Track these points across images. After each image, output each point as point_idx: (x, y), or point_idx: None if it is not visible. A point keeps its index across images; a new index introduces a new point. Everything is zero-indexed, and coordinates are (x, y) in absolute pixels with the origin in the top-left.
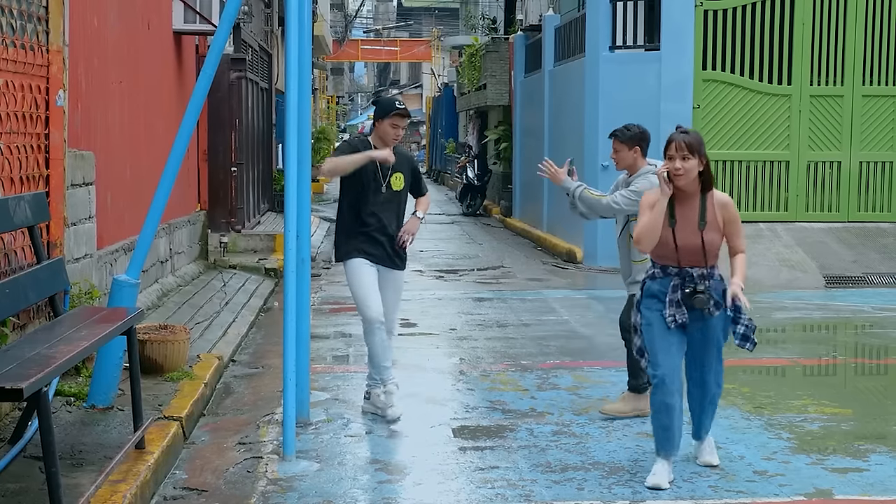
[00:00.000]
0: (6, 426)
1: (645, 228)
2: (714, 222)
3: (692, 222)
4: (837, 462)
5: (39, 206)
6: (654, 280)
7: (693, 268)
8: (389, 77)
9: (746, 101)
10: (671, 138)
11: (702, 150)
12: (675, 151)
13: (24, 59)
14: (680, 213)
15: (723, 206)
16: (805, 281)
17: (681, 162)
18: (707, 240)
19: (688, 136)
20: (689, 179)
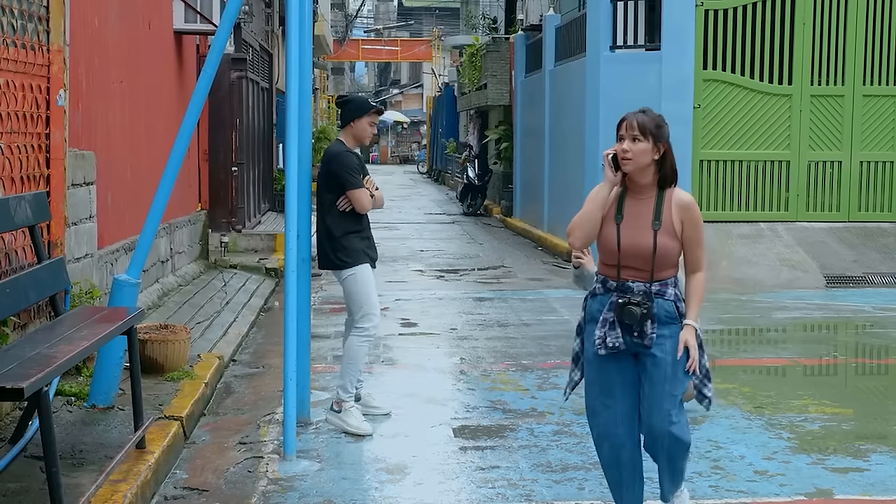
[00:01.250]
0: (7, 426)
1: (578, 217)
2: (669, 225)
3: (643, 220)
4: (838, 462)
5: (40, 205)
6: (595, 298)
7: (636, 282)
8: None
9: (747, 101)
10: (624, 117)
11: (659, 135)
12: (624, 131)
13: (24, 58)
14: (630, 208)
15: (684, 208)
16: (806, 281)
17: (629, 143)
18: (660, 243)
19: (643, 115)
20: (637, 165)
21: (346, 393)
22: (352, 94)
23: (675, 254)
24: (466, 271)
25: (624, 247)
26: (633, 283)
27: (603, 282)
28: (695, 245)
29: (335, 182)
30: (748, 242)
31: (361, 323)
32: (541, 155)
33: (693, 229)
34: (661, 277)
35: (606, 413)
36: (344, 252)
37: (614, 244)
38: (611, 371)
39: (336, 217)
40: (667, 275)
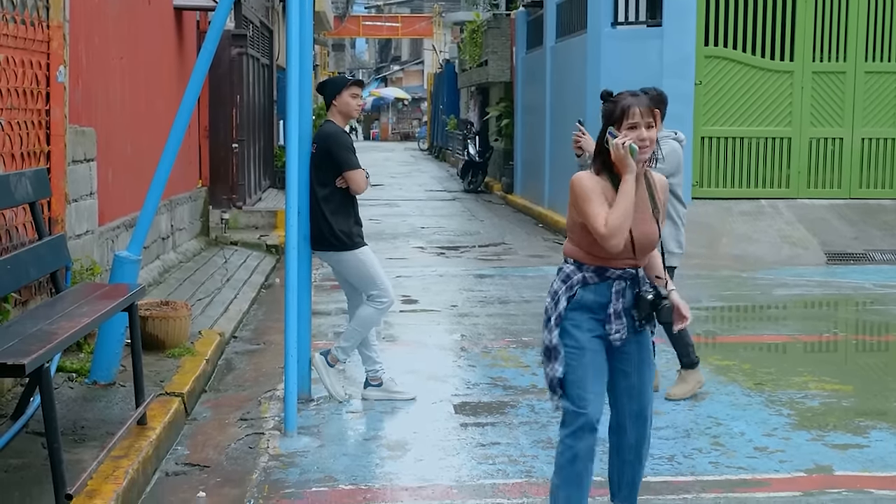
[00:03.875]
0: (8, 402)
1: (620, 219)
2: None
3: (644, 207)
4: (838, 438)
5: (40, 182)
6: (588, 287)
7: (635, 268)
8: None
9: (749, 78)
10: (629, 103)
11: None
12: (638, 118)
13: (24, 34)
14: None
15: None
16: (806, 258)
17: (647, 131)
18: (662, 230)
19: (652, 99)
20: (652, 150)
21: (344, 354)
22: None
23: None
24: (467, 248)
25: (637, 238)
26: (636, 270)
27: (598, 271)
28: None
29: (331, 161)
30: (749, 219)
31: (379, 297)
32: (542, 132)
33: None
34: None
35: (597, 402)
36: (345, 233)
37: (628, 238)
38: (599, 360)
39: (333, 197)
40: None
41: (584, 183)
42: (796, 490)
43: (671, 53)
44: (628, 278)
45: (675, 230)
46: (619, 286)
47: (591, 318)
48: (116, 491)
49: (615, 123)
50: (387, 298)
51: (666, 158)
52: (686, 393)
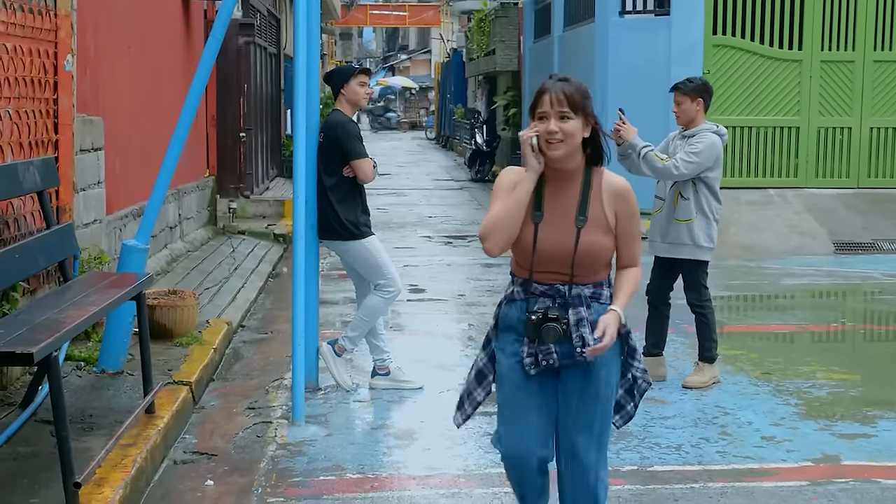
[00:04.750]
0: (17, 390)
1: (494, 218)
2: (600, 217)
3: (567, 216)
4: (845, 428)
5: (48, 171)
6: (513, 304)
7: (565, 284)
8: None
9: (757, 67)
10: (543, 88)
11: (588, 106)
12: (548, 107)
13: (32, 23)
14: (552, 201)
15: (618, 195)
16: (814, 247)
17: (557, 123)
18: (585, 243)
19: (567, 84)
20: (568, 150)
21: (351, 344)
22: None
23: (608, 253)
24: (474, 237)
25: (542, 251)
26: (565, 287)
27: (524, 285)
28: (630, 240)
29: (339, 151)
30: (757, 209)
31: (386, 287)
32: None
33: (628, 220)
34: (593, 279)
35: (524, 436)
36: (352, 223)
37: (530, 247)
38: (532, 390)
39: (340, 186)
40: (601, 276)
41: (500, 177)
42: (804, 479)
43: (679, 42)
44: (555, 296)
45: (707, 225)
46: (541, 304)
47: (518, 341)
48: (125, 479)
49: (531, 111)
50: (394, 288)
51: (703, 152)
52: (701, 384)
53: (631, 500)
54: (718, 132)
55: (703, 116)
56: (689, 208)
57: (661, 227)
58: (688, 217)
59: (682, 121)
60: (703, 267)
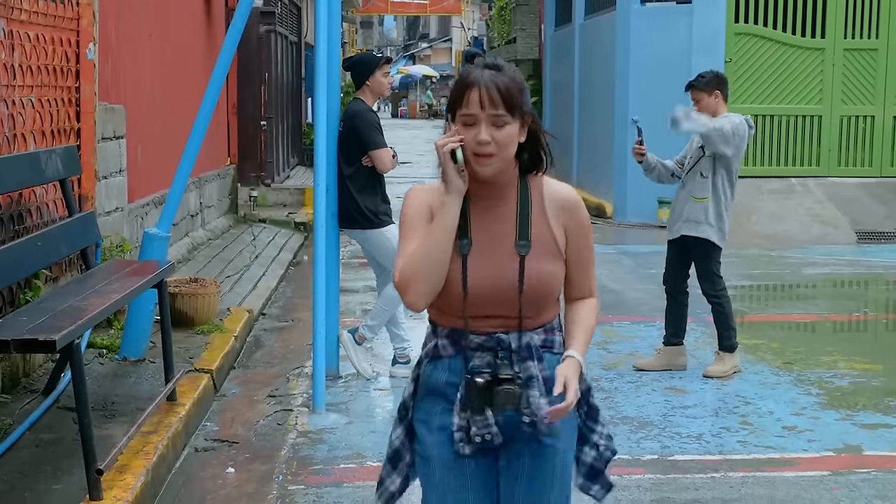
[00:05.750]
0: (40, 377)
1: (414, 264)
2: (547, 239)
3: (503, 241)
4: (867, 418)
5: (71, 159)
6: (438, 362)
7: (508, 332)
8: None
9: (779, 55)
10: (470, 80)
11: (526, 103)
12: (477, 108)
13: (54, 12)
14: (480, 223)
15: (566, 209)
16: (836, 236)
17: (489, 130)
18: (533, 274)
19: (501, 74)
20: (502, 162)
21: (371, 333)
22: (354, 55)
23: (559, 284)
24: None
25: (476, 291)
26: (508, 335)
27: (451, 336)
28: (584, 264)
29: (358, 140)
30: (779, 198)
31: None
32: (570, 110)
33: (581, 239)
34: (542, 322)
35: None
36: (371, 211)
37: (458, 286)
38: (466, 474)
39: (359, 175)
40: (550, 315)
41: (408, 201)
42: (825, 469)
43: (701, 30)
44: (496, 348)
45: (718, 205)
46: (479, 360)
47: (447, 411)
48: (146, 466)
49: (451, 109)
50: None
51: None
52: (722, 373)
53: (651, 490)
54: (746, 122)
55: (724, 107)
56: (706, 186)
57: (678, 208)
58: (704, 195)
59: None
60: (715, 255)
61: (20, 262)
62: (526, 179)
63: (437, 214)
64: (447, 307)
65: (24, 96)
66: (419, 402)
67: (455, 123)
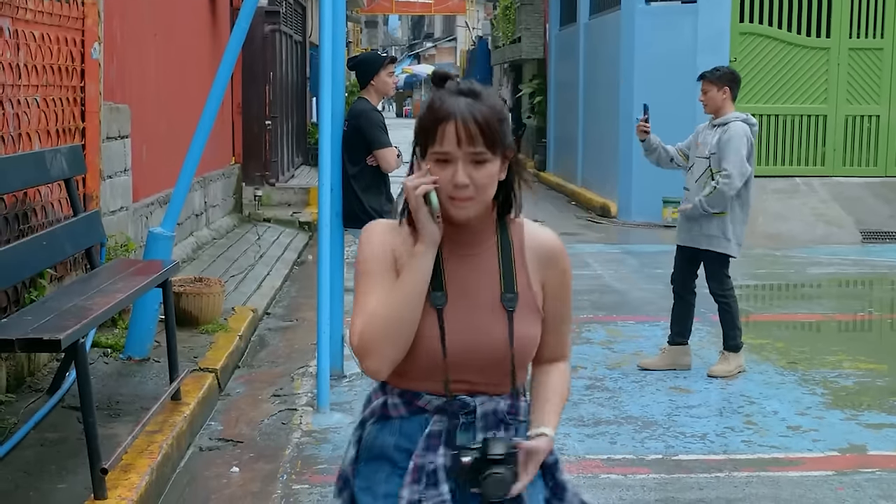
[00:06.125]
0: (44, 377)
1: (378, 325)
2: (527, 294)
3: (484, 294)
4: (872, 418)
5: (75, 158)
6: (387, 424)
7: (476, 395)
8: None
9: (784, 54)
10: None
11: (507, 135)
12: (454, 146)
13: (59, 11)
14: (456, 273)
15: (546, 257)
16: (841, 236)
17: (467, 170)
18: (521, 333)
19: (480, 104)
20: (481, 205)
21: None
22: (359, 55)
23: (537, 344)
24: None
25: (457, 351)
26: (475, 399)
27: (405, 397)
28: (562, 322)
29: (362, 139)
30: (783, 197)
31: None
32: (575, 109)
33: (562, 295)
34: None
35: None
36: (376, 210)
37: (437, 349)
38: None
39: (364, 175)
40: (521, 379)
41: (368, 238)
42: (830, 469)
43: (706, 30)
44: (457, 412)
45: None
46: (437, 425)
47: (396, 476)
48: (151, 465)
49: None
50: None
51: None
52: (726, 373)
53: (655, 490)
54: (747, 121)
55: (730, 105)
56: (722, 201)
57: (688, 217)
58: (722, 210)
59: (709, 109)
60: (727, 260)
61: (25, 262)
62: (505, 222)
63: (408, 268)
64: (413, 370)
65: (29, 96)
66: (360, 467)
67: (426, 161)
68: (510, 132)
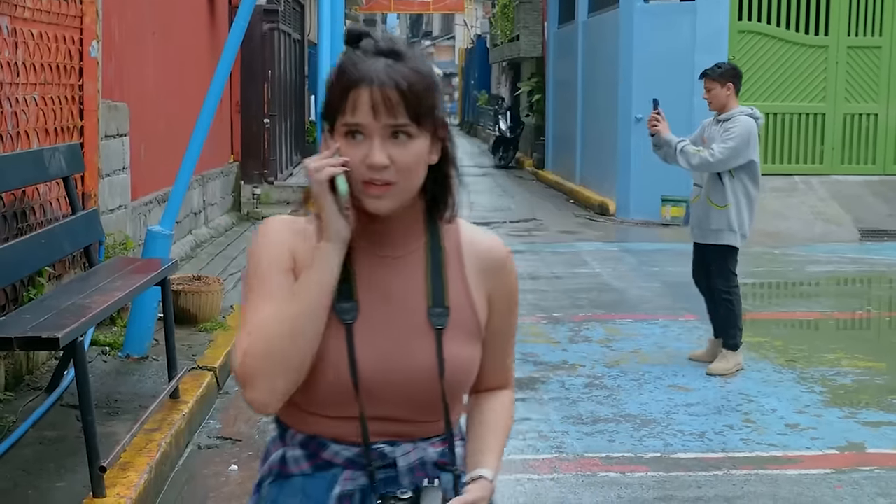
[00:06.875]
0: (43, 375)
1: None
2: (465, 310)
3: (408, 307)
4: (870, 416)
5: (74, 156)
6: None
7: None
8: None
9: (783, 53)
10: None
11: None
12: (367, 116)
13: (58, 9)
14: (370, 280)
15: (490, 269)
16: (839, 234)
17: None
18: (452, 357)
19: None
20: (404, 193)
21: None
22: None
23: (475, 372)
24: (498, 224)
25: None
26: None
27: (308, 446)
28: (507, 342)
29: None
30: (782, 195)
31: None
32: (573, 107)
33: (508, 312)
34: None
35: None
36: None
37: (345, 376)
38: None
39: None
40: (455, 415)
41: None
42: (828, 467)
43: (704, 28)
44: (378, 466)
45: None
46: (348, 484)
47: None
48: (149, 463)
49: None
50: None
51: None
52: (725, 371)
53: (654, 487)
54: (753, 115)
55: (735, 101)
56: (724, 194)
57: (698, 214)
58: (723, 203)
59: (714, 107)
60: (732, 253)
61: (23, 260)
62: (436, 221)
63: (309, 271)
64: (318, 407)
65: (27, 94)
66: None
67: (334, 136)
68: (442, 104)
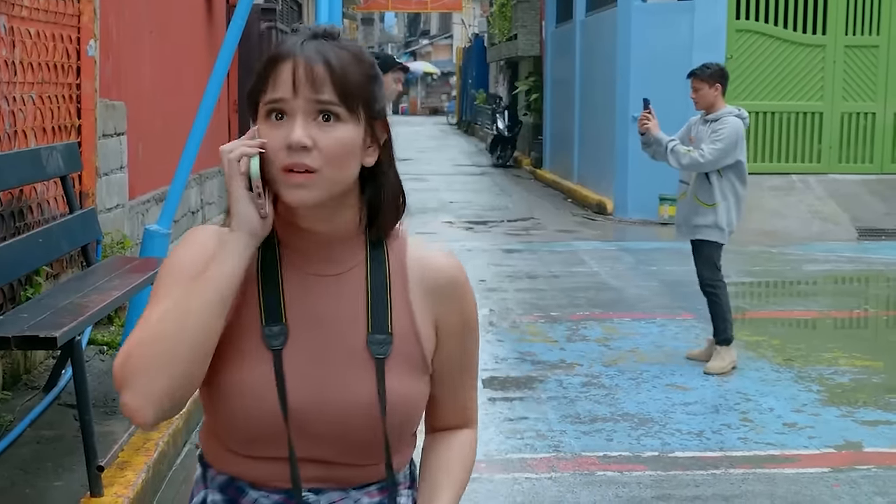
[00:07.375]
0: (40, 374)
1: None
2: (409, 338)
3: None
4: (867, 415)
5: (71, 155)
6: None
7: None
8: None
9: (780, 52)
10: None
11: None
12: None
13: (55, 8)
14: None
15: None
16: (837, 233)
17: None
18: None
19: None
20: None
21: None
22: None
23: (422, 409)
24: (496, 223)
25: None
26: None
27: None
28: (464, 375)
29: None
30: (779, 194)
31: None
32: (571, 106)
33: (464, 339)
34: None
35: None
36: None
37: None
38: None
39: None
40: (404, 457)
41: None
42: (825, 466)
43: (702, 27)
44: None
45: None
46: None
47: None
48: (147, 462)
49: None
50: None
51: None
52: (721, 369)
53: (652, 487)
54: (740, 115)
55: (722, 101)
56: (712, 192)
57: (685, 212)
58: (711, 201)
59: (700, 106)
60: (718, 248)
61: (21, 259)
62: (380, 235)
63: (211, 262)
64: (242, 444)
65: (24, 93)
66: None
67: (258, 122)
68: (383, 100)
